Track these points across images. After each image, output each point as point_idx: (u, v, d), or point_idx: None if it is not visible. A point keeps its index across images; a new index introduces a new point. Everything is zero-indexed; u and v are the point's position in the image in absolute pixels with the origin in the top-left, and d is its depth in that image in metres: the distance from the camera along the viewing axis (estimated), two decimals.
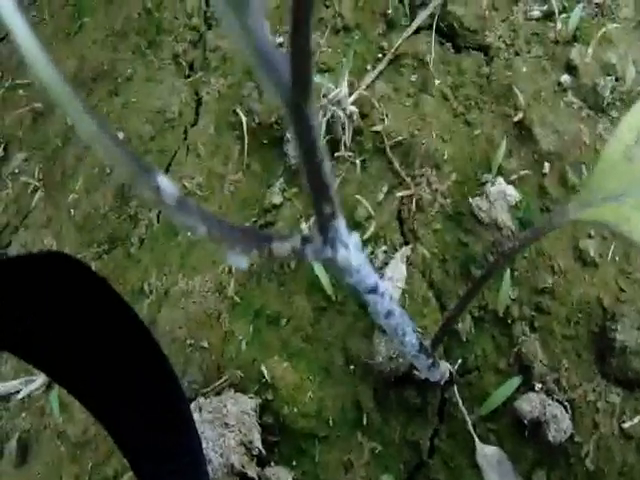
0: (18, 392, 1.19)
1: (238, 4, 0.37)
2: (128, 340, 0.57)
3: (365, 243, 1.02)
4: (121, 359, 0.57)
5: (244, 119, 1.22)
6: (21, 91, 1.52)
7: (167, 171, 1.26)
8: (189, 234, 1.16)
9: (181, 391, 0.65)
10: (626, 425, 0.86)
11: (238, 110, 1.24)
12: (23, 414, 1.18)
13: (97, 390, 0.58)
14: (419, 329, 0.74)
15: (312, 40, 0.37)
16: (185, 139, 1.30)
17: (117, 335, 0.56)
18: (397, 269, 0.96)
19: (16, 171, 1.43)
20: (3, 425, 1.18)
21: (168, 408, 0.62)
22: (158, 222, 1.23)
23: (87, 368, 0.56)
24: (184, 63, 1.39)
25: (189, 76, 1.38)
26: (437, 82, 1.12)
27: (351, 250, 0.50)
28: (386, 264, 0.98)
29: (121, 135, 1.31)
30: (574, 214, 0.57)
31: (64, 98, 0.37)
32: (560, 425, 0.85)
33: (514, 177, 1.00)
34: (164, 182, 0.41)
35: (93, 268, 1.23)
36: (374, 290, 0.57)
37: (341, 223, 0.48)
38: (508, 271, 0.93)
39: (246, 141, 1.21)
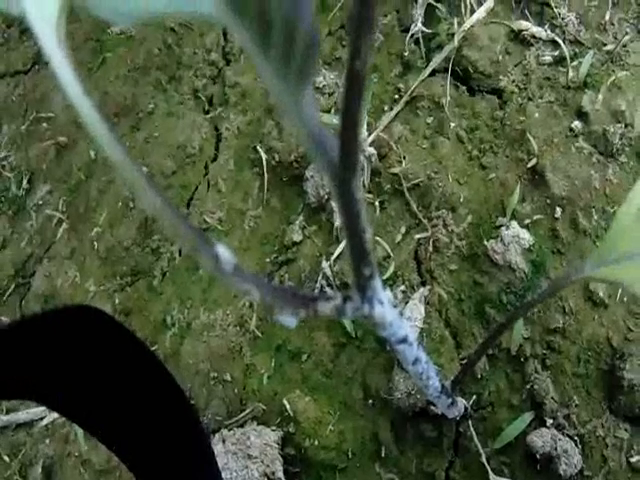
0: (42, 419, 1.22)
1: (295, 93, 0.41)
2: (150, 384, 0.61)
3: (384, 283, 1.05)
4: (142, 401, 0.61)
5: (264, 156, 1.24)
6: (45, 124, 1.54)
7: (188, 206, 1.29)
8: None
9: (201, 429, 0.68)
10: (634, 459, 0.89)
11: (258, 147, 1.26)
12: (47, 441, 1.20)
13: (118, 430, 0.61)
14: (436, 366, 0.77)
15: (362, 125, 0.41)
16: (206, 174, 1.32)
17: (139, 379, 0.60)
18: (416, 309, 0.99)
19: (40, 203, 1.45)
20: (27, 451, 1.21)
21: (188, 445, 0.66)
22: (180, 255, 1.25)
23: (107, 410, 0.59)
24: (203, 98, 1.41)
25: (209, 111, 1.40)
26: (452, 125, 1.14)
27: (386, 306, 0.54)
28: (405, 303, 1.02)
29: (144, 170, 1.34)
30: (590, 271, 0.61)
31: (131, 175, 0.41)
32: (571, 459, 0.88)
33: (528, 221, 1.03)
34: (222, 252, 0.45)
35: (116, 300, 1.26)
36: (404, 340, 0.61)
37: (378, 283, 0.52)
38: None
39: (266, 178, 1.23)
